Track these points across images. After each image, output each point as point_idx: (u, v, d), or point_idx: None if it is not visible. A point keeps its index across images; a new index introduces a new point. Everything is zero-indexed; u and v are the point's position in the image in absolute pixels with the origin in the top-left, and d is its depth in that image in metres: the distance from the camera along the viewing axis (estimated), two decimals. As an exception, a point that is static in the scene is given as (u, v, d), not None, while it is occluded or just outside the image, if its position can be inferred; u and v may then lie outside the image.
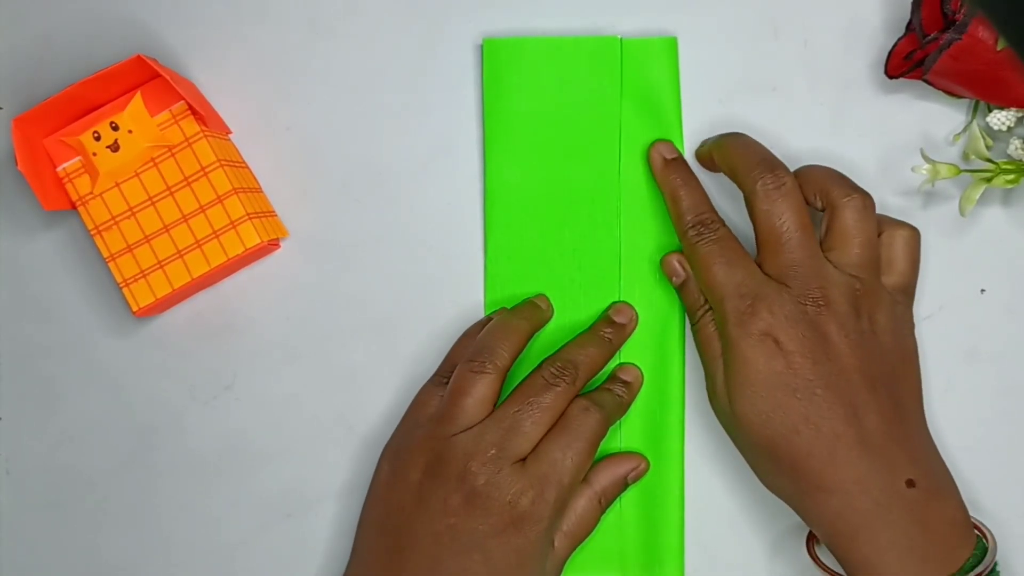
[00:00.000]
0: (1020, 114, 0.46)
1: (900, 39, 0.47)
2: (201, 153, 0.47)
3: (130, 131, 0.47)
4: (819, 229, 0.45)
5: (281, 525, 0.50)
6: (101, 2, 0.51)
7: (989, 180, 0.46)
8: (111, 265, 0.48)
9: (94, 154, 0.47)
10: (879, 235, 0.45)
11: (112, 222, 0.48)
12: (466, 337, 0.49)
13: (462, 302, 0.50)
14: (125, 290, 0.48)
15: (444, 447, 0.44)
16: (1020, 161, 0.46)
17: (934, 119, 0.49)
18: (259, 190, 0.50)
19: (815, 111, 0.49)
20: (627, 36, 0.49)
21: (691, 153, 0.49)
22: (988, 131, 0.47)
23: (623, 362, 0.49)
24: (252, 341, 0.50)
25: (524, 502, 0.43)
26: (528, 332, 0.47)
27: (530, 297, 0.49)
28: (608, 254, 0.49)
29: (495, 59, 0.49)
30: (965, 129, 0.48)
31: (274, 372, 0.50)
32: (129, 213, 0.48)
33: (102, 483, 0.50)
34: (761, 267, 0.44)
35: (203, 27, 0.51)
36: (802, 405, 0.42)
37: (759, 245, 0.45)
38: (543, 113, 0.49)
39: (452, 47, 0.50)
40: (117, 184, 0.48)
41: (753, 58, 0.49)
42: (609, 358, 0.48)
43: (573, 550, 0.46)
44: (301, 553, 0.50)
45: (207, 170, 0.47)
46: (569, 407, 0.45)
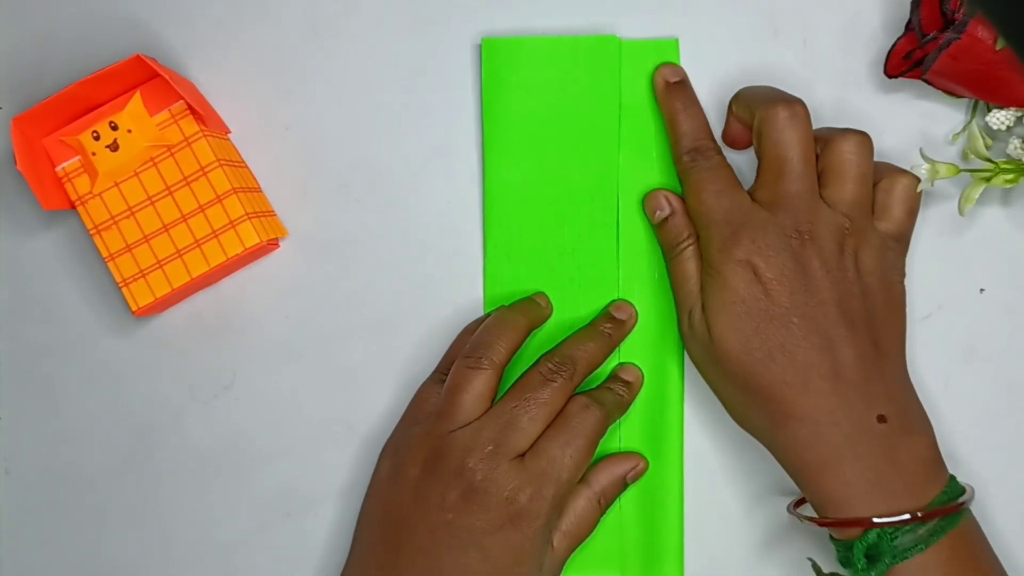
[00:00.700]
0: (1019, 114, 0.46)
1: (899, 39, 0.48)
2: (200, 153, 0.47)
3: (129, 131, 0.47)
4: None
5: (280, 524, 0.50)
6: (100, 2, 0.51)
7: (988, 180, 0.46)
8: (110, 265, 0.48)
9: (93, 154, 0.47)
10: (878, 182, 0.45)
11: (111, 222, 0.48)
12: (465, 334, 0.49)
13: (461, 301, 0.50)
14: (124, 290, 0.48)
15: (442, 443, 0.44)
16: (1019, 161, 0.46)
17: (933, 118, 0.49)
18: (258, 190, 0.50)
19: (815, 111, 0.49)
20: (627, 36, 0.49)
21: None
22: (987, 131, 0.47)
23: (623, 362, 0.49)
24: (251, 341, 0.50)
25: (522, 498, 0.43)
26: (525, 328, 0.47)
27: (529, 294, 0.49)
28: (607, 253, 0.49)
29: (494, 59, 0.49)
30: (964, 129, 0.48)
31: (274, 372, 0.50)
32: (128, 213, 0.48)
33: (102, 483, 0.50)
34: (754, 194, 0.45)
35: (202, 27, 0.51)
36: (778, 332, 0.42)
37: (760, 171, 0.45)
38: (542, 112, 0.49)
39: (451, 47, 0.50)
40: (116, 184, 0.48)
41: (753, 57, 0.49)
42: (607, 354, 0.48)
43: (573, 550, 0.46)
44: (300, 552, 0.50)
45: (206, 170, 0.47)
46: (569, 404, 0.45)
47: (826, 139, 0.45)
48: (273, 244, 0.50)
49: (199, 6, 0.51)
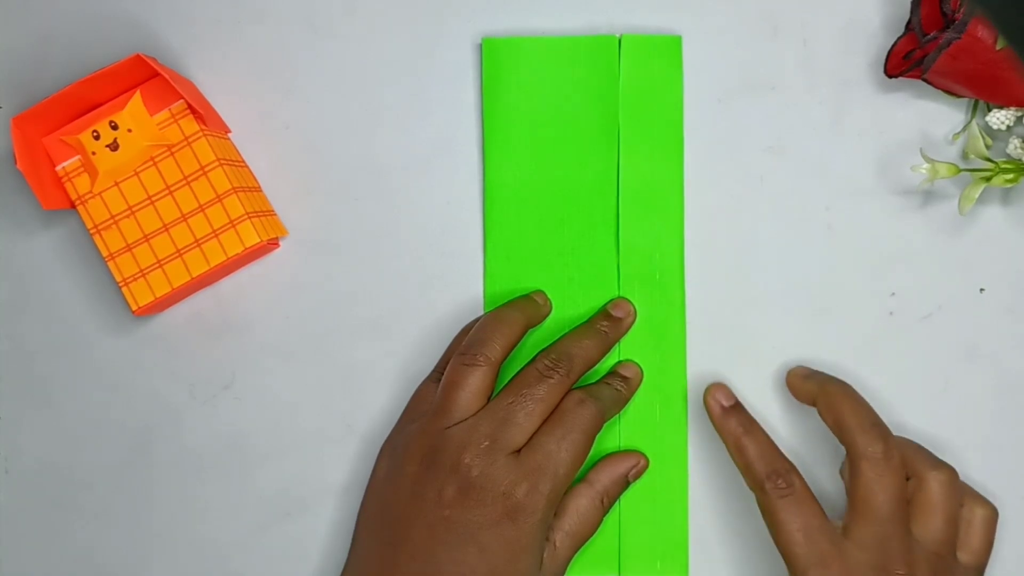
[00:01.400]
0: (1019, 113, 0.46)
1: (899, 38, 0.48)
2: (200, 152, 0.47)
3: (129, 130, 0.47)
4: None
5: (280, 524, 0.50)
6: (100, 2, 0.51)
7: (988, 179, 0.46)
8: (110, 264, 0.48)
9: (93, 153, 0.47)
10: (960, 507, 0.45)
11: (111, 221, 0.48)
12: (463, 333, 0.49)
13: (461, 300, 0.50)
14: (124, 289, 0.48)
15: (438, 440, 0.44)
16: (1019, 160, 0.46)
17: (933, 118, 0.49)
18: (258, 189, 0.50)
19: (814, 110, 0.49)
20: (623, 31, 0.49)
21: (687, 161, 0.49)
22: (987, 130, 0.47)
23: (623, 352, 0.49)
24: (251, 340, 0.50)
25: (518, 493, 0.43)
26: (522, 325, 0.47)
27: (527, 292, 0.49)
28: (606, 253, 0.49)
29: (494, 59, 0.49)
30: (964, 128, 0.48)
31: (273, 371, 0.50)
32: (128, 212, 0.48)
33: (101, 482, 0.50)
34: (846, 529, 0.43)
35: (202, 26, 0.51)
36: None
37: (851, 507, 0.43)
38: (542, 112, 0.49)
39: (451, 46, 0.50)
40: (116, 183, 0.48)
41: (752, 57, 0.49)
42: (605, 352, 0.48)
43: (576, 550, 0.46)
44: (300, 552, 0.50)
45: (206, 169, 0.47)
46: (564, 399, 0.45)
47: (916, 471, 0.44)
48: (273, 244, 0.50)
49: (199, 6, 0.51)
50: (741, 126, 0.49)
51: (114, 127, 0.47)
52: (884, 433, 0.44)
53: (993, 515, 0.45)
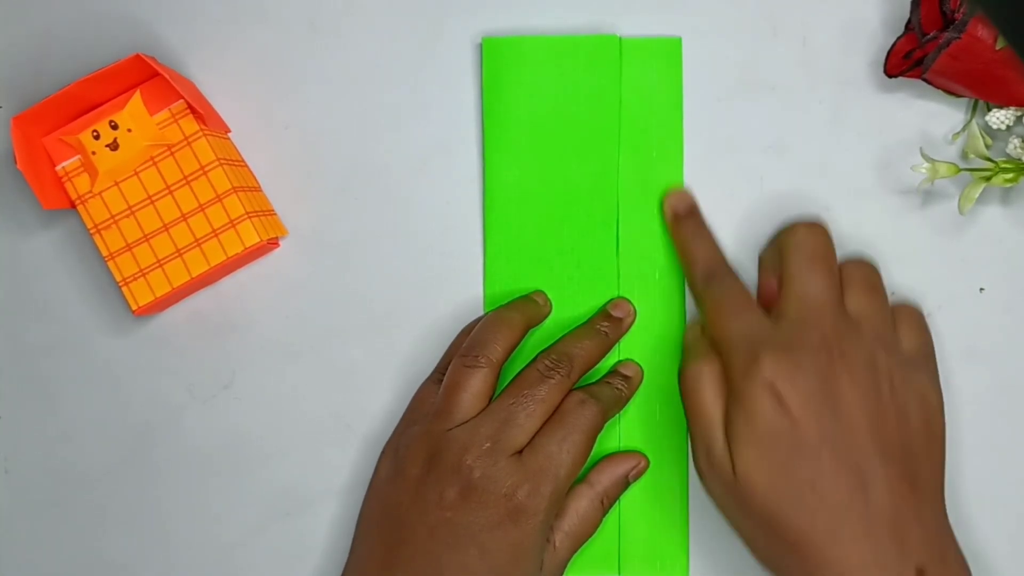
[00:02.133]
0: (1019, 113, 0.46)
1: (899, 38, 0.48)
2: (200, 152, 0.47)
3: (129, 130, 0.47)
4: None
5: (280, 524, 0.50)
6: (100, 1, 0.51)
7: (988, 179, 0.46)
8: (110, 264, 0.48)
9: (93, 153, 0.47)
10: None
11: (111, 221, 0.48)
12: (463, 334, 0.49)
13: (461, 300, 0.50)
14: (124, 289, 0.48)
15: (440, 441, 0.44)
16: (1019, 160, 0.46)
17: (933, 118, 0.49)
18: (258, 189, 0.50)
19: (814, 110, 0.49)
20: (627, 35, 0.49)
21: (687, 161, 0.49)
22: (987, 130, 0.47)
23: (623, 352, 0.49)
24: (251, 340, 0.50)
25: (520, 495, 0.43)
26: (523, 326, 0.47)
27: (527, 292, 0.49)
28: (607, 252, 0.49)
29: (494, 58, 0.49)
30: (964, 128, 0.49)
31: (273, 371, 0.50)
32: (128, 212, 0.48)
33: (101, 482, 0.50)
34: (778, 310, 0.43)
35: (202, 26, 0.51)
36: (807, 468, 0.39)
37: (782, 288, 0.43)
38: (542, 112, 0.49)
39: (452, 45, 0.50)
40: (116, 183, 0.48)
41: (752, 57, 0.49)
42: (605, 352, 0.47)
43: (576, 551, 0.46)
44: (300, 552, 0.50)
45: (206, 169, 0.47)
46: (565, 400, 0.45)
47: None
48: (273, 243, 0.50)
49: (199, 5, 0.51)
50: (741, 126, 0.49)
51: (114, 127, 0.47)
52: (807, 220, 0.44)
53: (914, 309, 0.45)
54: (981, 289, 0.49)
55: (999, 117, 0.46)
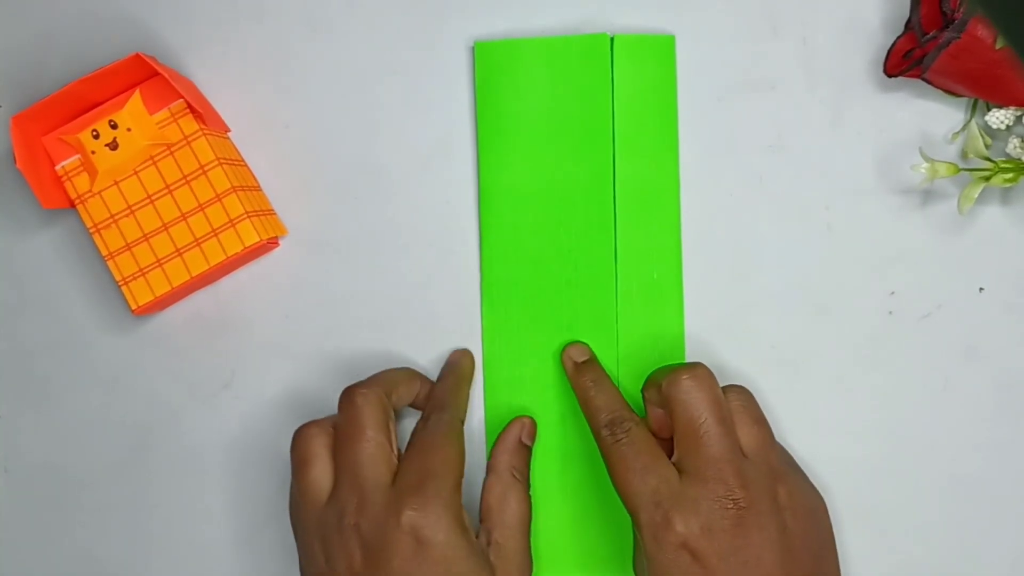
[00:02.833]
0: (1019, 113, 0.46)
1: (899, 37, 0.48)
2: (200, 151, 0.47)
3: (129, 129, 0.47)
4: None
5: (279, 524, 0.50)
6: (100, 1, 0.51)
7: (988, 179, 0.46)
8: (110, 263, 0.48)
9: (93, 152, 0.47)
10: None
11: (111, 220, 0.48)
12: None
13: (460, 301, 0.50)
14: (124, 288, 0.48)
15: (318, 526, 0.43)
16: (1019, 160, 0.46)
17: (933, 117, 0.49)
18: (258, 188, 0.50)
19: (814, 109, 0.49)
20: (623, 34, 0.49)
21: (686, 160, 0.49)
22: (987, 130, 0.47)
23: (622, 352, 0.49)
24: (251, 339, 0.50)
25: (412, 518, 0.41)
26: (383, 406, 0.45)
27: (524, 297, 0.49)
28: (603, 253, 0.49)
29: (486, 62, 0.49)
30: (964, 128, 0.48)
31: (273, 370, 0.50)
32: (128, 211, 0.48)
33: (100, 481, 0.50)
34: (679, 466, 0.42)
35: (202, 25, 0.51)
36: None
37: (677, 440, 0.43)
38: (536, 113, 0.49)
39: (451, 45, 0.50)
40: (116, 182, 0.48)
41: (752, 56, 0.49)
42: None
43: (527, 537, 0.45)
44: (300, 551, 0.50)
45: (206, 168, 0.47)
46: (416, 424, 0.45)
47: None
48: (273, 243, 0.50)
49: (198, 5, 0.51)
50: (741, 125, 0.49)
51: (113, 126, 0.47)
52: (688, 364, 0.43)
53: (745, 392, 0.44)
54: (981, 289, 0.49)
55: (999, 117, 0.46)
